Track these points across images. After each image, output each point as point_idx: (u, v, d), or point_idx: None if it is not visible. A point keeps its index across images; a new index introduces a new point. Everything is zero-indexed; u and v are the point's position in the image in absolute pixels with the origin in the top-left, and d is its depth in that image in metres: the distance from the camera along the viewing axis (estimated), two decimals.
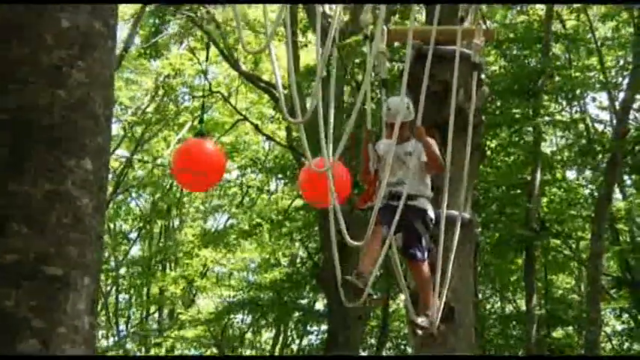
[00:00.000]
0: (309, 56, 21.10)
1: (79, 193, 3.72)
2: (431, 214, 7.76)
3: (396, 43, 13.68)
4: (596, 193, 21.21)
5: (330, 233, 7.67)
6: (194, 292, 28.81)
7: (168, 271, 29.40)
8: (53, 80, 3.76)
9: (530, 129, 20.39)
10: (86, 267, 3.70)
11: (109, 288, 30.07)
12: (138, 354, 27.73)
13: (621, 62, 21.66)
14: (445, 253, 8.23)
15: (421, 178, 7.73)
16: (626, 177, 22.91)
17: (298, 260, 26.61)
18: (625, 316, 23.60)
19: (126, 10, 22.47)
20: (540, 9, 20.94)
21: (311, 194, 9.56)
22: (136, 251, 31.52)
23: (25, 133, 3.68)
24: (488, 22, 8.95)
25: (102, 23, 3.95)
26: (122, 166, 26.68)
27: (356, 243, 7.31)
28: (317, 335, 27.04)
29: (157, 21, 21.72)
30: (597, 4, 20.66)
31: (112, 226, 29.84)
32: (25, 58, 3.75)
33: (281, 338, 28.35)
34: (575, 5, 20.61)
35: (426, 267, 7.73)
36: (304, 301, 26.07)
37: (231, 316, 27.33)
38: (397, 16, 18.37)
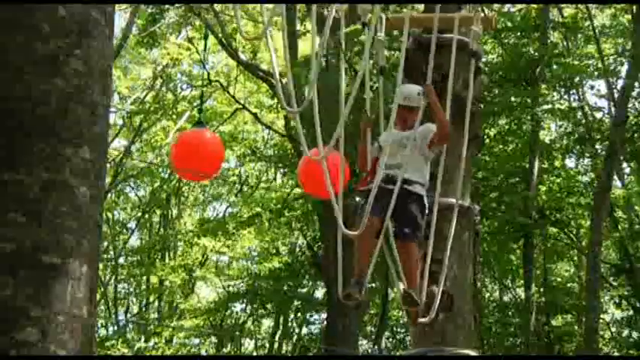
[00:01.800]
0: (308, 44, 21.04)
1: (76, 182, 3.72)
2: (426, 201, 7.65)
3: (395, 32, 13.68)
4: (595, 182, 21.21)
5: (337, 231, 7.54)
6: (193, 281, 28.83)
7: (167, 260, 29.42)
8: (49, 69, 3.75)
9: (529, 117, 20.39)
10: (84, 256, 3.70)
11: (107, 277, 30.08)
12: (137, 343, 27.74)
13: (620, 50, 21.66)
14: (442, 241, 8.23)
15: (420, 165, 7.61)
16: (624, 165, 22.94)
17: (297, 249, 26.62)
18: (624, 303, 23.62)
19: None
20: None
21: (310, 185, 9.56)
22: (134, 241, 31.58)
23: (21, 122, 3.67)
24: (487, 10, 8.91)
25: (99, 11, 3.94)
26: (121, 156, 26.66)
27: (351, 233, 7.24)
28: (316, 324, 27.11)
29: (154, 10, 21.69)
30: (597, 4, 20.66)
31: (110, 215, 29.83)
32: (21, 47, 3.74)
33: (281, 327, 28.38)
34: None
35: (415, 249, 7.58)
36: (304, 290, 26.11)
37: (231, 305, 27.37)
38: (395, 5, 18.35)
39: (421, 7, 9.55)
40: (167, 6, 21.37)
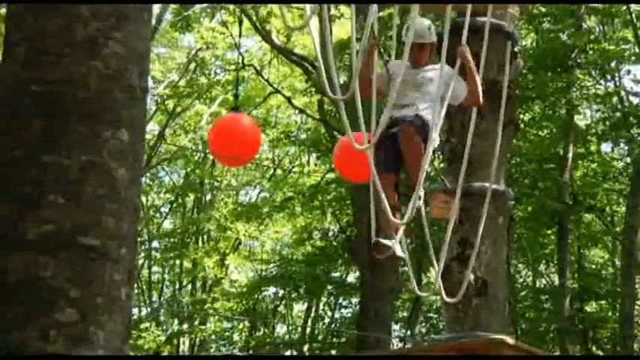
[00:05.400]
0: (342, 29, 20.98)
1: (115, 164, 3.74)
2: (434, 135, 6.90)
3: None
4: (630, 167, 21.06)
5: (371, 207, 7.27)
6: (226, 265, 28.92)
7: (200, 244, 29.54)
8: (89, 52, 3.77)
9: (564, 102, 20.26)
10: (123, 238, 3.72)
11: (141, 261, 30.25)
12: (170, 327, 27.92)
13: None
14: (476, 225, 8.20)
15: (431, 106, 6.95)
16: None
17: (330, 233, 26.63)
18: None
19: None
20: None
21: (347, 170, 9.53)
22: (167, 225, 31.68)
23: (60, 105, 3.70)
24: None
25: None
26: (155, 139, 26.76)
27: (398, 222, 6.92)
28: (349, 308, 27.12)
29: None
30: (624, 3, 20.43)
31: (144, 199, 29.97)
32: (60, 30, 3.76)
33: (313, 311, 28.44)
34: None
35: (420, 140, 6.83)
36: (336, 274, 26.13)
37: (263, 289, 27.44)
38: None
39: None
40: None
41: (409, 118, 6.93)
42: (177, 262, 30.33)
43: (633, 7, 20.52)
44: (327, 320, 28.28)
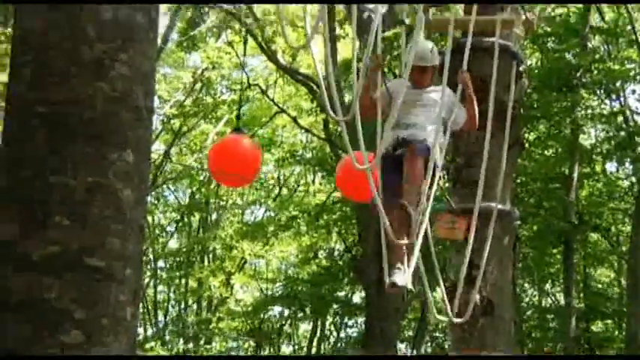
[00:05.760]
0: (347, 48, 21.03)
1: (120, 185, 3.74)
2: (437, 157, 6.90)
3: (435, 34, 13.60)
4: (636, 186, 21.04)
5: (381, 232, 7.16)
6: (232, 284, 28.91)
7: (206, 263, 29.54)
8: (95, 73, 3.78)
9: (569, 122, 20.26)
10: (128, 258, 3.72)
11: (147, 280, 30.23)
12: (176, 346, 27.89)
13: None
14: (481, 245, 8.17)
15: (439, 130, 6.95)
16: None
17: (336, 253, 26.62)
18: None
19: (163, 3, 22.51)
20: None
21: (348, 189, 9.53)
22: (173, 244, 31.69)
23: (66, 126, 3.70)
24: (528, 13, 8.84)
25: (143, 15, 3.96)
26: (160, 159, 26.80)
27: (402, 242, 6.87)
28: (354, 328, 27.09)
29: (194, 13, 21.81)
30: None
31: (150, 218, 29.98)
32: (67, 51, 3.77)
33: (318, 331, 28.40)
34: None
35: (421, 162, 6.79)
36: (342, 294, 26.10)
37: (269, 308, 27.41)
38: (435, 8, 18.28)
39: (461, 10, 9.46)
40: (207, 9, 21.46)
41: (418, 143, 6.88)
42: (183, 281, 30.34)
43: (638, 26, 20.56)
44: (332, 340, 28.24)
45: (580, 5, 20.34)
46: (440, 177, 7.23)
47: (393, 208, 6.78)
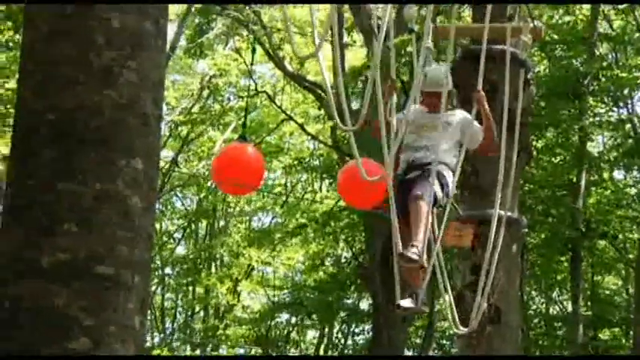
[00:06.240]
0: (355, 56, 21.05)
1: (129, 193, 3.74)
2: (449, 181, 6.97)
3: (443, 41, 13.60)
4: None
5: (393, 247, 7.11)
6: (239, 291, 28.90)
7: (213, 270, 29.52)
8: (103, 81, 3.78)
9: (577, 129, 20.23)
10: (136, 266, 3.72)
11: (154, 287, 30.22)
12: (183, 353, 27.87)
13: None
14: (490, 253, 8.16)
15: (449, 149, 7.01)
16: None
17: (343, 260, 26.59)
18: None
19: (171, 10, 22.50)
20: (586, 9, 20.74)
21: (349, 195, 9.48)
22: (180, 250, 31.68)
23: (74, 133, 3.70)
24: (536, 21, 8.84)
25: (152, 23, 3.97)
26: (168, 166, 26.82)
27: (413, 265, 6.63)
28: (362, 335, 27.03)
29: (202, 20, 21.83)
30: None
31: (157, 225, 29.97)
32: (75, 58, 3.77)
33: (325, 338, 28.36)
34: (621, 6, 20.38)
35: (427, 208, 6.69)
36: (349, 301, 26.07)
37: (276, 315, 27.39)
38: (442, 16, 18.29)
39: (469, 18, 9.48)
40: (215, 16, 21.48)
41: (427, 166, 6.84)
42: (190, 288, 30.32)
43: None
44: (339, 347, 28.19)
45: (587, 12, 20.33)
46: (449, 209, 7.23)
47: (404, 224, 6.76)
